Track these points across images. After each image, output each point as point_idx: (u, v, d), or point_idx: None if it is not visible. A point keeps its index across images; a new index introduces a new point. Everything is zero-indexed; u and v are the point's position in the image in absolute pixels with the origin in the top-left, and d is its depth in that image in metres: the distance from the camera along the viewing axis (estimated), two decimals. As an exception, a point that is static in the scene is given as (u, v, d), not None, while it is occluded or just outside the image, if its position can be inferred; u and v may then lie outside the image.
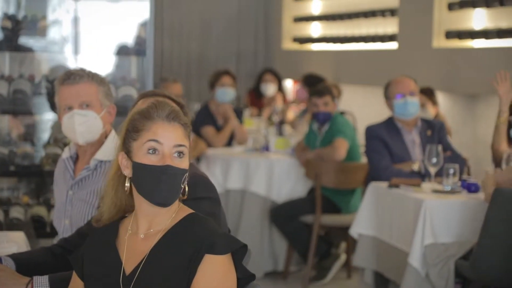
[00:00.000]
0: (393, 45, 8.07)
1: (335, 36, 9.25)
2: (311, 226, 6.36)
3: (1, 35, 5.48)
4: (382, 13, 8.30)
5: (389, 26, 8.22)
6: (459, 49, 7.05)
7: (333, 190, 6.39)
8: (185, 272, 2.38)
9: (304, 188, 6.66)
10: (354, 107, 8.70)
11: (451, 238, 4.78)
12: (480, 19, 6.92)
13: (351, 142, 6.46)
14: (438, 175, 5.18)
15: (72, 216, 3.60)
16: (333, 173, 6.28)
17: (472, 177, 5.39)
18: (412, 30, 7.66)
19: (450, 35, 7.13)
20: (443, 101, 7.28)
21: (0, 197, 5.56)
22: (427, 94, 6.71)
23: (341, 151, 6.33)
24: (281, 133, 7.67)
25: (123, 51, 5.69)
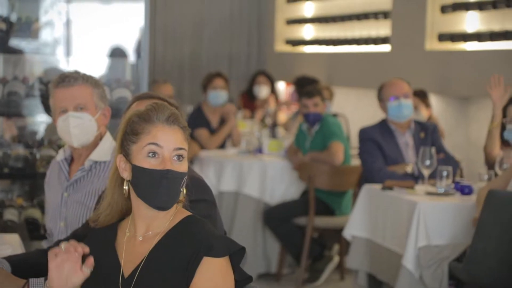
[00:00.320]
0: (386, 47, 8.08)
1: (328, 38, 9.25)
2: (304, 228, 6.36)
3: (-5, 37, 5.48)
4: (375, 15, 8.30)
5: (382, 28, 8.23)
6: (452, 51, 7.06)
7: (325, 192, 6.40)
8: (183, 274, 2.38)
9: (297, 190, 6.66)
10: (347, 109, 8.71)
11: (445, 240, 4.79)
12: (473, 21, 6.93)
13: (344, 143, 6.48)
14: (431, 177, 5.19)
15: (67, 218, 3.60)
16: (327, 175, 6.29)
17: (465, 179, 5.40)
18: (405, 33, 7.67)
19: (443, 37, 7.15)
20: (436, 103, 7.29)
21: (-6, 199, 5.55)
22: (420, 97, 6.72)
23: (339, 156, 6.34)
24: (274, 135, 7.67)
25: (117, 53, 5.69)
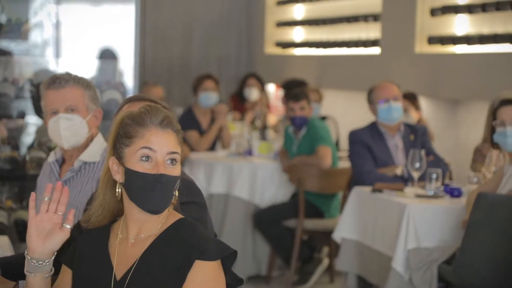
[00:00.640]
0: (375, 50, 8.10)
1: (318, 41, 9.26)
2: (294, 230, 6.36)
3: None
4: (365, 18, 8.31)
5: (372, 31, 8.24)
6: (441, 54, 7.08)
7: (315, 194, 6.41)
8: (175, 277, 2.38)
9: (287, 192, 6.67)
10: (336, 112, 8.72)
11: (434, 243, 4.80)
12: (462, 25, 6.95)
13: (332, 147, 6.49)
14: (421, 179, 5.21)
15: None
16: (316, 178, 6.29)
17: (455, 181, 5.41)
18: (394, 36, 7.69)
19: (432, 40, 7.16)
20: (425, 106, 7.31)
21: (-17, 201, 5.54)
22: (409, 99, 6.73)
23: (327, 160, 6.34)
24: (264, 137, 7.68)
25: (107, 55, 5.69)
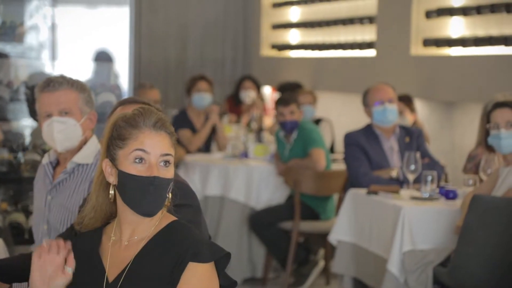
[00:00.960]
0: (371, 52, 8.10)
1: (313, 43, 9.26)
2: (289, 232, 6.36)
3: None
4: (360, 20, 8.32)
5: (367, 33, 8.25)
6: (436, 56, 7.09)
7: (310, 196, 6.40)
8: (168, 280, 2.37)
9: (282, 194, 6.66)
10: (332, 114, 8.72)
11: (430, 245, 4.80)
12: (457, 27, 6.96)
13: (324, 149, 6.49)
14: (416, 182, 5.21)
15: (50, 221, 3.60)
16: (312, 180, 6.29)
17: (450, 184, 5.41)
18: (390, 38, 7.69)
19: (427, 43, 7.17)
20: (421, 108, 7.31)
21: (-22, 204, 5.53)
22: (405, 102, 6.74)
23: (321, 162, 6.34)
24: (260, 140, 7.67)
25: (102, 57, 5.68)
